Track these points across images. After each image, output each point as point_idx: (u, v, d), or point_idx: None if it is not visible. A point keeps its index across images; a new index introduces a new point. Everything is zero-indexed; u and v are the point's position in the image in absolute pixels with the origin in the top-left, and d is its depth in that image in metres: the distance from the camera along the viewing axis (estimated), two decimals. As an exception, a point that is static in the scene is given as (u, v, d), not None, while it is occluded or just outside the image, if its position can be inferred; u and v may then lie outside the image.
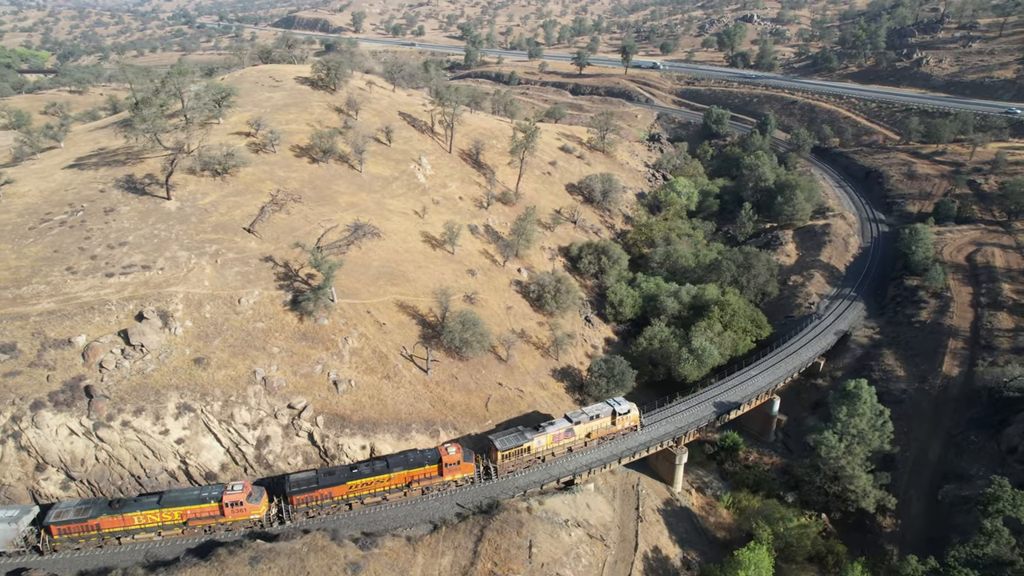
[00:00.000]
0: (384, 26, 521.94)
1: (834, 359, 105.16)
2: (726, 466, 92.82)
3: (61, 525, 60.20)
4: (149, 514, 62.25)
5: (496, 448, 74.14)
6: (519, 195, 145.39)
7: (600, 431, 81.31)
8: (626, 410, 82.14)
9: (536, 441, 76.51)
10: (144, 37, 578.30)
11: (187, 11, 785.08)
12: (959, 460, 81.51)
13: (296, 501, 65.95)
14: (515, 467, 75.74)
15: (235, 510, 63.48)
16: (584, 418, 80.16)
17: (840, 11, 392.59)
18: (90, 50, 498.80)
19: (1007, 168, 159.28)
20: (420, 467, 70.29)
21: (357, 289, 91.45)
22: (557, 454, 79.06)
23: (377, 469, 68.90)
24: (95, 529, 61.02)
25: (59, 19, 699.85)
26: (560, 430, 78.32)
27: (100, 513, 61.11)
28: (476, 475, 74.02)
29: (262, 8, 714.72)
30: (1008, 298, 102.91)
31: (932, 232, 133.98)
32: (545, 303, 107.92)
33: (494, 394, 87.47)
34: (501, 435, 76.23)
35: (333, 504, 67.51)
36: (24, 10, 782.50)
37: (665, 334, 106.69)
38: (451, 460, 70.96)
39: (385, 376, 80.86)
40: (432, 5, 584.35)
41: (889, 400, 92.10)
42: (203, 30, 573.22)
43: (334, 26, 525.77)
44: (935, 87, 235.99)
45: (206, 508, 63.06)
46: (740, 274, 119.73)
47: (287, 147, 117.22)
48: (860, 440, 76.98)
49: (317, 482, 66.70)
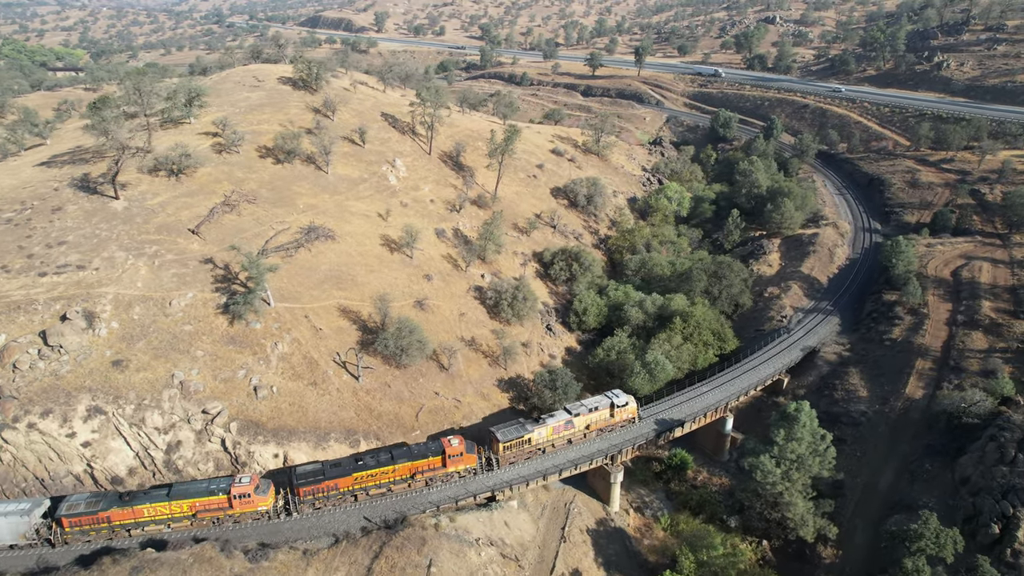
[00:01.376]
0: (407, 26, 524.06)
1: (799, 376, 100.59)
2: (672, 485, 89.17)
3: (72, 518, 61.68)
4: (159, 507, 63.76)
5: (498, 440, 76.02)
6: (498, 198, 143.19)
7: (599, 423, 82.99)
8: (624, 402, 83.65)
9: (537, 433, 78.43)
10: (175, 36, 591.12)
11: (221, 11, 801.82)
12: (911, 489, 76.74)
13: (303, 493, 67.48)
14: (516, 458, 77.88)
15: (243, 502, 65.15)
16: (583, 410, 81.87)
17: (868, 12, 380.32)
18: (121, 48, 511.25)
19: (1015, 177, 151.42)
20: (424, 459, 72.07)
21: (299, 293, 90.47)
22: (557, 445, 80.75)
23: (382, 461, 70.80)
24: (106, 522, 62.54)
25: (98, 18, 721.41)
26: (560, 422, 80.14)
27: (111, 506, 62.63)
28: (479, 466, 75.85)
29: (292, 8, 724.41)
30: (985, 317, 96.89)
31: (923, 244, 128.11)
32: (502, 311, 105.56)
33: (428, 404, 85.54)
34: (503, 427, 78.30)
35: (339, 495, 69.10)
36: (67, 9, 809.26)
37: (624, 345, 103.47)
38: (454, 452, 72.75)
39: (311, 383, 79.57)
40: (456, 5, 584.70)
41: (847, 422, 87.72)
42: (231, 29, 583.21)
43: (357, 26, 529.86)
44: (955, 91, 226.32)
45: (214, 500, 64.59)
46: (712, 284, 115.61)
47: (253, 147, 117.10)
48: (799, 466, 72.86)
49: (323, 474, 68.29)
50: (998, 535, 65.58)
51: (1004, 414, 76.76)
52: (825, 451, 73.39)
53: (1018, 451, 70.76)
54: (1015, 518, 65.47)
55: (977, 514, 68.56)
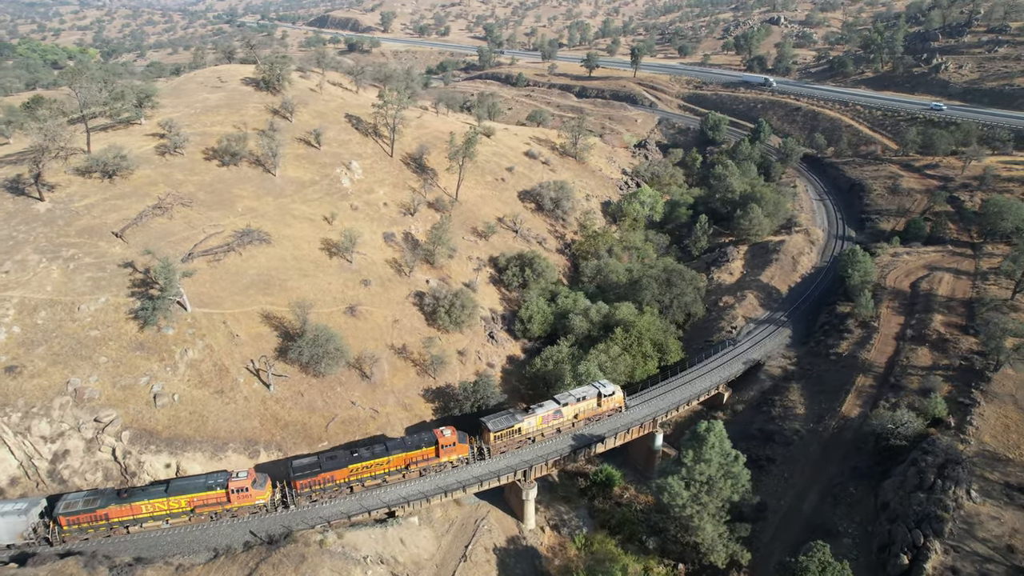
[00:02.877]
0: (413, 26, 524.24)
1: (741, 390, 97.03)
2: (597, 503, 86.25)
3: (70, 516, 61.99)
4: (157, 502, 64.45)
5: (489, 429, 78.18)
6: (459, 202, 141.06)
7: (587, 412, 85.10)
8: (611, 392, 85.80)
9: (526, 422, 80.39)
10: (185, 36, 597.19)
11: (236, 10, 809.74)
12: (832, 514, 73.06)
13: (300, 486, 68.81)
14: (507, 447, 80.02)
15: (241, 496, 66.29)
16: (571, 400, 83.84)
17: (876, 13, 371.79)
18: (131, 48, 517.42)
19: (996, 185, 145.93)
20: (417, 449, 73.98)
21: (221, 298, 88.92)
22: (547, 435, 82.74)
23: (376, 453, 72.51)
24: (104, 519, 63.01)
25: (114, 18, 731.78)
26: (549, 412, 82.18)
27: (109, 503, 63.13)
28: (471, 456, 78.15)
29: (304, 7, 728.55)
30: (934, 331, 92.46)
31: (889, 253, 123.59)
32: (439, 318, 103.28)
33: (342, 414, 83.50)
34: (493, 417, 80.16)
35: (335, 487, 70.48)
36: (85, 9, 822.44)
37: (563, 355, 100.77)
38: (447, 442, 74.85)
39: (218, 391, 77.90)
40: (463, 5, 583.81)
41: (779, 441, 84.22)
42: (241, 29, 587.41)
43: (363, 25, 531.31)
44: (952, 95, 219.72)
45: (212, 495, 65.53)
46: (662, 293, 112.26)
47: (199, 149, 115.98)
48: (709, 489, 69.59)
49: (320, 466, 69.59)
50: (907, 566, 61.92)
51: (931, 436, 72.87)
52: (738, 473, 70.00)
53: (937, 477, 66.93)
54: (925, 548, 61.78)
55: (890, 543, 64.94)
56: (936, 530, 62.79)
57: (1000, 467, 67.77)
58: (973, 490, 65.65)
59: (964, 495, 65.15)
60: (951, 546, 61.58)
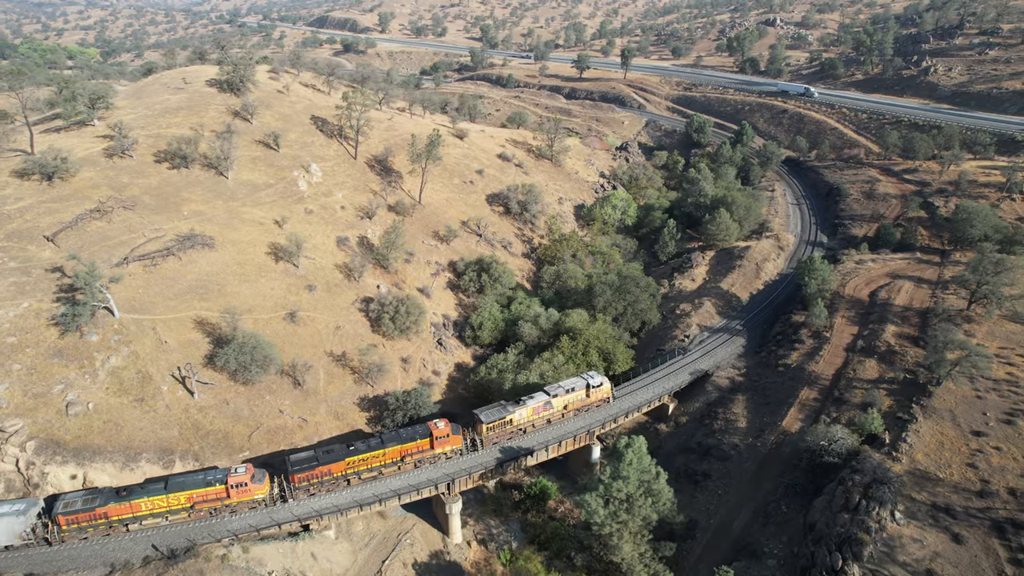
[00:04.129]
0: (411, 27, 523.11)
1: (688, 401, 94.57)
2: (530, 516, 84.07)
3: (69, 515, 62.30)
4: (156, 500, 65.01)
5: (481, 421, 79.60)
6: (422, 205, 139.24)
7: (576, 403, 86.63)
8: (599, 383, 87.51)
9: (517, 414, 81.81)
10: (186, 36, 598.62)
11: (240, 10, 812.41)
12: (762, 533, 70.61)
13: (297, 479, 69.92)
14: (499, 438, 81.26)
15: (240, 491, 67.07)
16: (561, 391, 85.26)
17: (873, 15, 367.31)
18: (131, 48, 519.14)
19: (972, 190, 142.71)
20: (412, 441, 75.36)
21: (154, 304, 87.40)
22: (537, 425, 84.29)
23: (372, 446, 73.94)
24: (103, 518, 63.41)
25: (118, 17, 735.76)
26: (539, 403, 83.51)
27: (108, 501, 63.58)
28: (464, 447, 79.36)
29: (306, 8, 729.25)
30: (885, 343, 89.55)
31: (854, 261, 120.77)
32: (383, 324, 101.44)
33: (268, 423, 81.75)
34: (485, 409, 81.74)
35: (332, 480, 71.76)
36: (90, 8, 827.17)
37: (508, 363, 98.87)
38: (441, 433, 76.24)
39: (138, 399, 76.30)
40: (462, 6, 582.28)
41: (717, 456, 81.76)
42: (241, 29, 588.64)
43: (362, 26, 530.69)
44: (940, 97, 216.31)
45: (212, 491, 66.35)
46: (615, 299, 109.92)
47: (151, 152, 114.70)
48: (629, 506, 67.31)
49: (317, 460, 70.92)
50: (824, 592, 59.48)
51: (864, 454, 70.24)
52: (659, 491, 67.67)
53: (863, 497, 64.37)
54: (843, 572, 59.29)
55: (812, 565, 62.49)
56: (856, 553, 60.25)
57: (929, 487, 65.09)
58: (898, 511, 63.04)
59: (888, 516, 62.54)
60: (870, 570, 59.02)
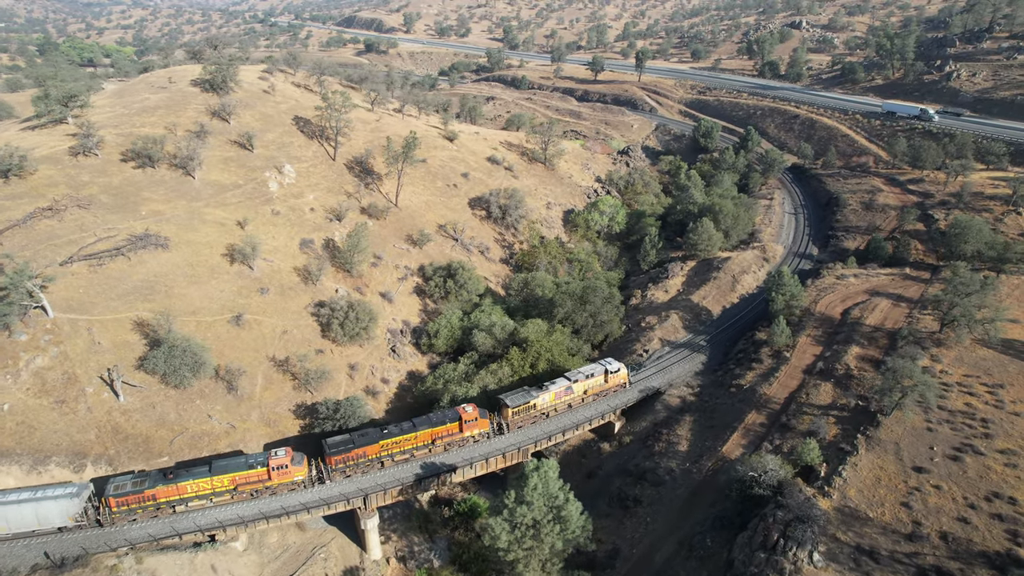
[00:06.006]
0: (436, 27, 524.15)
1: (635, 420, 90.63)
2: (458, 534, 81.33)
3: (120, 497, 65.24)
4: (201, 482, 67.85)
5: (507, 405, 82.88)
6: (398, 208, 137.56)
7: (595, 388, 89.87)
8: (616, 368, 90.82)
9: (540, 398, 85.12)
10: (219, 34, 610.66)
11: (275, 10, 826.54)
12: (683, 567, 66.58)
13: (334, 462, 73.13)
14: (524, 422, 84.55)
15: (281, 473, 70.26)
16: (581, 377, 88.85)
17: (906, 17, 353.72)
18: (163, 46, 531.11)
19: (976, 203, 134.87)
20: (442, 425, 78.70)
21: (94, 303, 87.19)
22: (559, 410, 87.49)
23: (405, 429, 77.48)
24: (152, 499, 66.27)
25: (157, 17, 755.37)
26: (561, 388, 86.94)
27: (156, 484, 66.49)
28: (491, 430, 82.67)
29: (337, 8, 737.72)
30: (844, 366, 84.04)
31: (834, 275, 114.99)
32: (332, 330, 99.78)
33: (194, 428, 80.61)
34: (511, 394, 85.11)
35: (368, 462, 75.13)
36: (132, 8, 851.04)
37: (456, 373, 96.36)
38: (469, 417, 79.45)
39: (60, 400, 75.87)
40: (489, 7, 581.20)
41: (651, 481, 77.80)
42: (272, 28, 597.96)
43: (387, 26, 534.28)
44: (961, 104, 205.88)
45: (254, 473, 69.49)
46: (575, 310, 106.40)
47: (119, 151, 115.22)
48: (536, 533, 64.04)
49: (352, 443, 74.48)
50: (727, 637, 55.44)
51: (791, 488, 65.65)
52: (568, 517, 64.21)
53: (782, 536, 59.97)
54: (748, 618, 55.18)
55: (721, 607, 58.45)
56: (764, 597, 56.08)
57: (856, 527, 60.31)
58: (818, 552, 58.48)
59: (806, 558, 58.08)
60: (778, 616, 54.82)
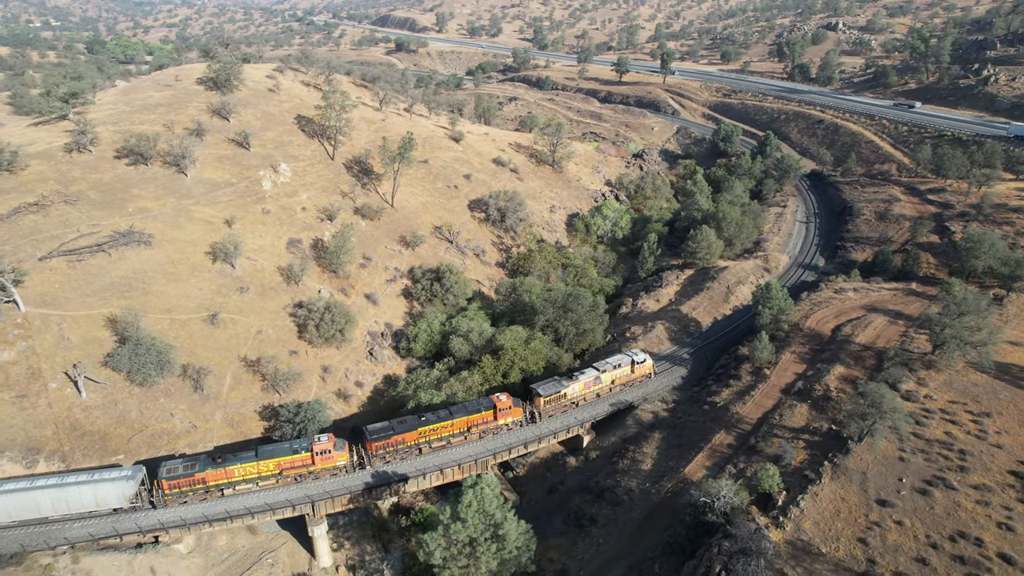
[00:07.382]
0: (469, 27, 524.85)
1: (605, 434, 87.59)
2: (411, 545, 79.58)
3: (172, 480, 68.03)
4: (248, 467, 70.34)
5: (540, 395, 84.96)
6: (394, 208, 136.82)
7: (622, 378, 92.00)
8: (642, 359, 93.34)
9: (571, 388, 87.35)
10: (257, 33, 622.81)
11: (315, 9, 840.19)
12: (629, 592, 63.69)
13: (374, 448, 75.21)
14: (554, 411, 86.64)
15: (324, 458, 72.51)
16: (608, 367, 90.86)
17: (950, 18, 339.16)
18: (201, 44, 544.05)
19: (997, 215, 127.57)
20: (478, 413, 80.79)
21: (68, 299, 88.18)
22: (588, 399, 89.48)
23: (442, 417, 79.37)
24: (202, 483, 68.75)
25: (201, 15, 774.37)
26: (590, 378, 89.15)
27: (206, 468, 69.15)
28: (524, 419, 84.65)
29: (373, 7, 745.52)
30: (824, 386, 79.33)
31: (832, 289, 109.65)
32: (308, 331, 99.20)
33: (154, 427, 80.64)
34: (543, 384, 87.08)
35: (406, 448, 77.23)
36: (179, 8, 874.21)
37: (429, 380, 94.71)
38: (503, 406, 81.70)
39: (20, 395, 76.65)
40: (522, 6, 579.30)
41: (609, 500, 74.77)
42: (308, 27, 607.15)
43: (420, 25, 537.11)
44: (997, 109, 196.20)
45: (299, 458, 71.92)
46: (557, 318, 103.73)
47: (113, 148, 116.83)
48: (473, 551, 61.84)
49: (392, 429, 76.77)
50: (654, 673, 52.41)
51: (744, 516, 62.03)
52: (505, 536, 61.88)
53: (724, 568, 56.57)
54: (677, 655, 52.06)
55: (656, 640, 55.41)
56: (697, 633, 52.90)
57: (807, 562, 56.48)
58: (761, 588, 54.97)
59: (747, 593, 54.63)
60: (710, 655, 51.59)
